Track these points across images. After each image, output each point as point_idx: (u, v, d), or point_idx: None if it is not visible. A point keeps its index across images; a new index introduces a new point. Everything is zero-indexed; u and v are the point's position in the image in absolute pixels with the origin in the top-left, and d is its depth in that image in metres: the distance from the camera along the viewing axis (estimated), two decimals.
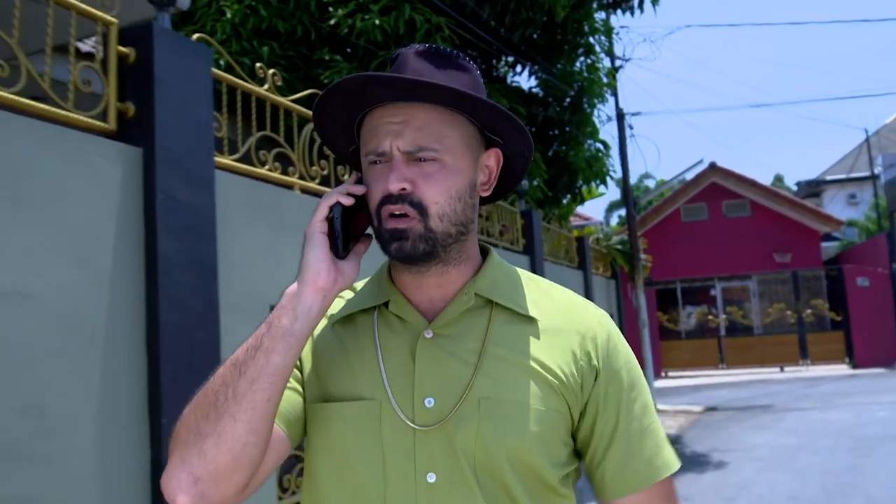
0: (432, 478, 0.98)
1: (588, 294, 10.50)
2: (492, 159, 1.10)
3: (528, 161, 1.14)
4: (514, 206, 7.57)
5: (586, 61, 9.07)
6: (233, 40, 6.84)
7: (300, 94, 3.95)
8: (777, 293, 20.38)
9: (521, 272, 1.16)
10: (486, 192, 1.12)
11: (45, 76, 2.48)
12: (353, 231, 1.06)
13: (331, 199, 1.02)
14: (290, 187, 3.76)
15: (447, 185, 1.01)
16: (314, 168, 3.96)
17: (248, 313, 3.13)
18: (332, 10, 6.84)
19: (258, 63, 3.78)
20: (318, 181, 3.94)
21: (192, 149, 2.93)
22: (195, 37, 3.16)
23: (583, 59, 9.04)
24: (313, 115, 1.09)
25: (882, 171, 22.29)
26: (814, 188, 31.04)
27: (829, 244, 24.00)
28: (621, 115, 13.39)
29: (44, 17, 2.55)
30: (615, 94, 13.15)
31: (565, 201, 9.59)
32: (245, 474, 0.95)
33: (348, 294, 1.14)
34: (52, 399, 2.27)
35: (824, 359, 19.33)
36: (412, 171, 1.00)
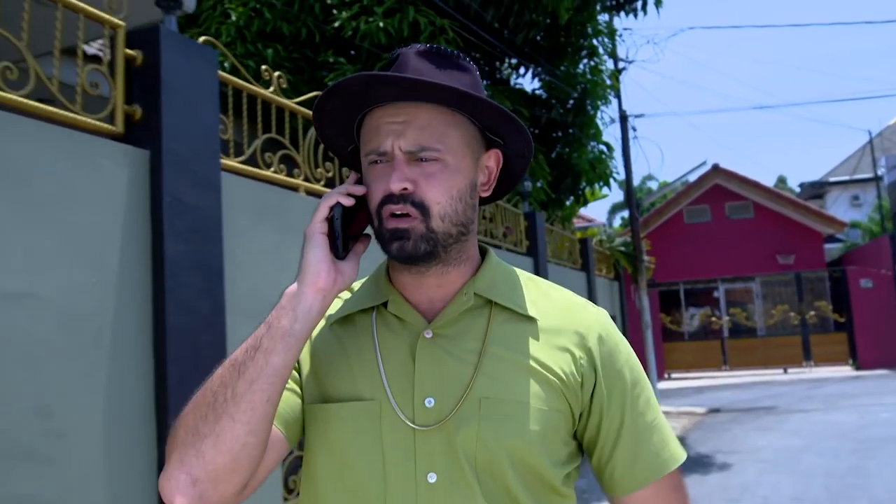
0: (433, 478, 0.98)
1: (591, 296, 10.49)
2: (492, 160, 1.10)
3: (528, 161, 1.14)
4: (518, 208, 7.57)
5: (590, 63, 9.08)
6: (237, 43, 6.85)
7: (305, 97, 3.96)
8: (780, 295, 20.35)
9: (520, 272, 1.15)
10: (486, 193, 1.12)
11: (54, 79, 2.49)
12: (352, 231, 1.06)
13: (331, 199, 1.01)
14: (296, 189, 3.76)
15: (449, 186, 1.01)
16: (319, 170, 3.97)
17: (254, 315, 3.12)
18: (336, 12, 6.86)
19: (263, 66, 3.79)
20: (323, 183, 3.95)
21: (199, 151, 2.93)
22: (201, 39, 3.17)
23: (586, 61, 9.05)
24: (313, 114, 1.08)
25: (885, 173, 22.27)
26: (817, 190, 31.00)
27: (832, 246, 23.96)
28: (624, 117, 13.40)
29: (52, 20, 2.56)
30: (618, 96, 13.17)
31: (568, 203, 9.61)
32: (244, 475, 0.95)
33: (346, 294, 1.14)
34: (59, 400, 2.28)
35: (828, 360, 19.30)
36: (414, 171, 0.99)
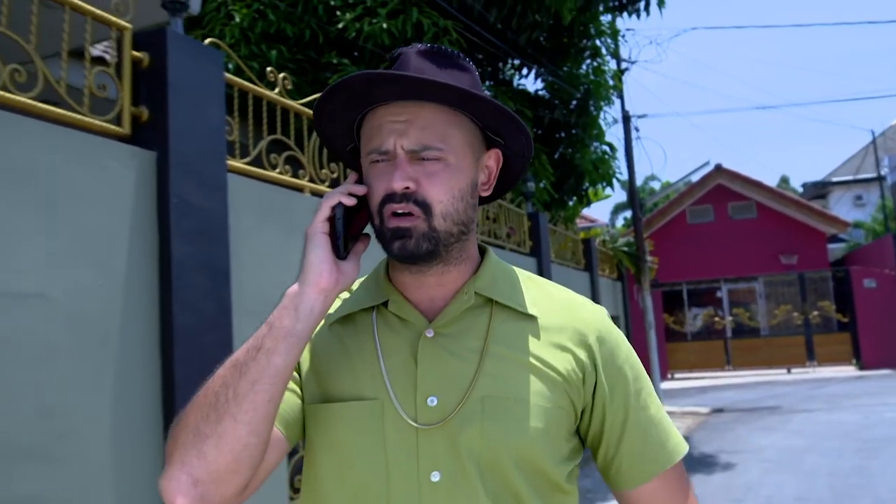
0: (436, 476, 0.98)
1: (595, 296, 10.50)
2: (492, 159, 1.10)
3: (528, 161, 1.14)
4: (521, 209, 7.58)
5: (592, 64, 9.09)
6: (241, 44, 6.86)
7: (310, 98, 3.97)
8: (783, 295, 20.34)
9: (519, 271, 1.16)
10: (486, 192, 1.12)
11: (61, 81, 2.50)
12: (352, 231, 1.06)
13: (332, 199, 1.01)
14: (301, 190, 3.78)
15: (451, 185, 1.01)
16: (324, 171, 3.99)
17: (260, 315, 3.09)
18: (339, 13, 6.87)
19: (268, 67, 3.81)
20: (327, 184, 3.96)
21: (205, 152, 2.95)
22: (207, 41, 3.18)
23: (589, 61, 9.06)
24: (314, 112, 1.08)
25: (888, 173, 22.27)
26: (820, 190, 30.96)
27: (835, 246, 23.93)
28: (627, 118, 13.41)
29: (59, 22, 2.58)
30: (621, 97, 13.19)
31: (571, 203, 9.61)
32: (245, 475, 0.95)
33: (344, 294, 1.13)
34: (67, 400, 2.29)
35: (831, 360, 19.29)
36: (416, 170, 0.99)
